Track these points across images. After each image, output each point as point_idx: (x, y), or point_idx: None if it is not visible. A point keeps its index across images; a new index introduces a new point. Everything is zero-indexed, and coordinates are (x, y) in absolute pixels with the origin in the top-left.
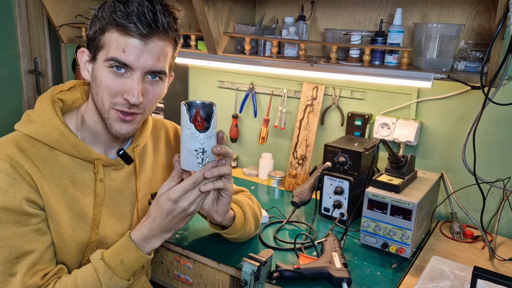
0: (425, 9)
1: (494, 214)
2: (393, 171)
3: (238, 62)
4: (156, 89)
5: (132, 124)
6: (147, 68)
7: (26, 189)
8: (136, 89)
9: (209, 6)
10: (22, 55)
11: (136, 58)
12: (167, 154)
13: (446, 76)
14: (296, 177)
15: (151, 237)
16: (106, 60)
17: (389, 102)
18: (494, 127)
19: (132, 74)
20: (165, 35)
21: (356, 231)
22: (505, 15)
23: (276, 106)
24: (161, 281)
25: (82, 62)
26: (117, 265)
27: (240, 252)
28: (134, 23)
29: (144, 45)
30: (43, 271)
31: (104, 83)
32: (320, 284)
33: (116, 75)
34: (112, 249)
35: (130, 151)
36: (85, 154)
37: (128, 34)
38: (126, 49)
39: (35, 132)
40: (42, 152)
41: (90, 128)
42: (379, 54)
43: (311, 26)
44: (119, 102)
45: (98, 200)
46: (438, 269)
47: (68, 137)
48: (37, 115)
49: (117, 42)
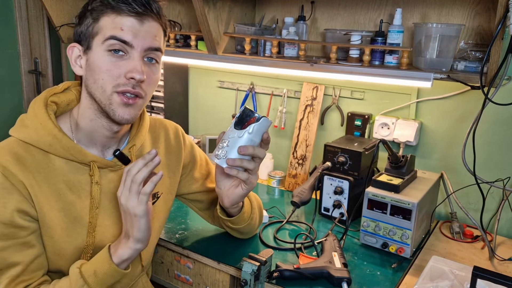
0: (425, 9)
1: (494, 214)
2: (393, 171)
3: (238, 62)
4: (154, 71)
5: (134, 109)
6: (146, 45)
7: (18, 199)
8: (139, 65)
9: (209, 6)
10: (22, 55)
11: (135, 35)
12: (166, 154)
13: (446, 76)
14: (296, 177)
15: (118, 244)
16: (104, 41)
17: (389, 102)
18: (494, 127)
19: (132, 54)
20: (158, 18)
21: (356, 231)
22: (505, 15)
23: (276, 106)
24: (161, 281)
25: (72, 58)
26: (90, 276)
27: (240, 252)
28: (129, 3)
29: (140, 24)
30: (26, 282)
31: (104, 67)
32: (320, 284)
33: (116, 57)
34: (91, 259)
35: (127, 151)
36: (80, 157)
37: (125, 13)
38: (124, 27)
39: (28, 137)
40: (37, 157)
41: (85, 129)
42: (379, 54)
43: (311, 26)
44: (122, 83)
45: (94, 203)
46: (438, 269)
47: (61, 141)
48: (30, 120)
49: (114, 23)
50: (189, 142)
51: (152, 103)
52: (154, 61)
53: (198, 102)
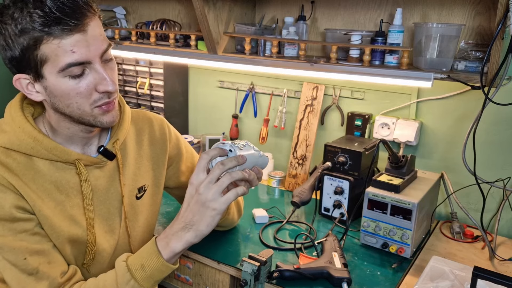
0: (425, 9)
1: (494, 214)
2: (393, 171)
3: (238, 62)
4: (113, 67)
5: (115, 109)
6: (100, 51)
7: (13, 197)
8: (105, 76)
9: (209, 6)
10: None
11: (87, 49)
12: (151, 146)
13: (446, 76)
14: (296, 177)
15: (171, 236)
16: (61, 71)
17: (389, 102)
18: (494, 127)
19: (92, 67)
20: (90, 10)
21: (356, 231)
22: (505, 15)
23: (276, 106)
24: (161, 281)
25: (24, 88)
26: (137, 270)
27: (240, 252)
28: (63, 20)
29: (85, 34)
30: (58, 268)
31: (73, 92)
32: (320, 284)
33: (79, 79)
34: (137, 252)
35: (111, 147)
36: (64, 157)
37: (66, 34)
38: (74, 48)
39: (8, 142)
40: (20, 161)
41: (63, 134)
42: (379, 54)
43: (311, 26)
44: (98, 98)
45: (87, 200)
46: (438, 269)
47: (42, 142)
48: (8, 124)
49: (60, 47)
50: (174, 135)
51: (152, 103)
52: (109, 57)
53: (198, 102)
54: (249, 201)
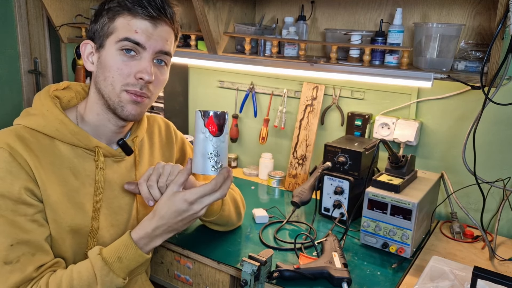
0: (425, 9)
1: (494, 214)
2: (393, 171)
3: (238, 62)
4: (162, 72)
5: (141, 107)
6: (158, 48)
7: (25, 178)
8: (149, 66)
9: (209, 6)
10: (22, 55)
11: (148, 38)
12: (161, 149)
13: (446, 76)
14: (296, 177)
15: (154, 237)
16: (118, 42)
17: (389, 102)
18: (494, 127)
19: (143, 55)
20: (171, 23)
21: (356, 231)
22: (505, 15)
23: (276, 106)
24: (161, 281)
25: (85, 54)
26: (114, 262)
27: (240, 252)
28: (145, 7)
29: (154, 27)
30: (38, 262)
31: (115, 66)
32: (320, 284)
33: (127, 57)
34: (111, 246)
35: (130, 142)
36: (86, 142)
37: (140, 16)
38: (138, 30)
39: (35, 123)
40: (43, 143)
41: (91, 123)
42: (379, 54)
43: (311, 26)
44: (131, 83)
45: (98, 188)
46: (438, 269)
47: (68, 126)
48: (37, 109)
49: (129, 25)
50: (180, 138)
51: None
52: (163, 63)
53: (198, 102)
54: (249, 201)
